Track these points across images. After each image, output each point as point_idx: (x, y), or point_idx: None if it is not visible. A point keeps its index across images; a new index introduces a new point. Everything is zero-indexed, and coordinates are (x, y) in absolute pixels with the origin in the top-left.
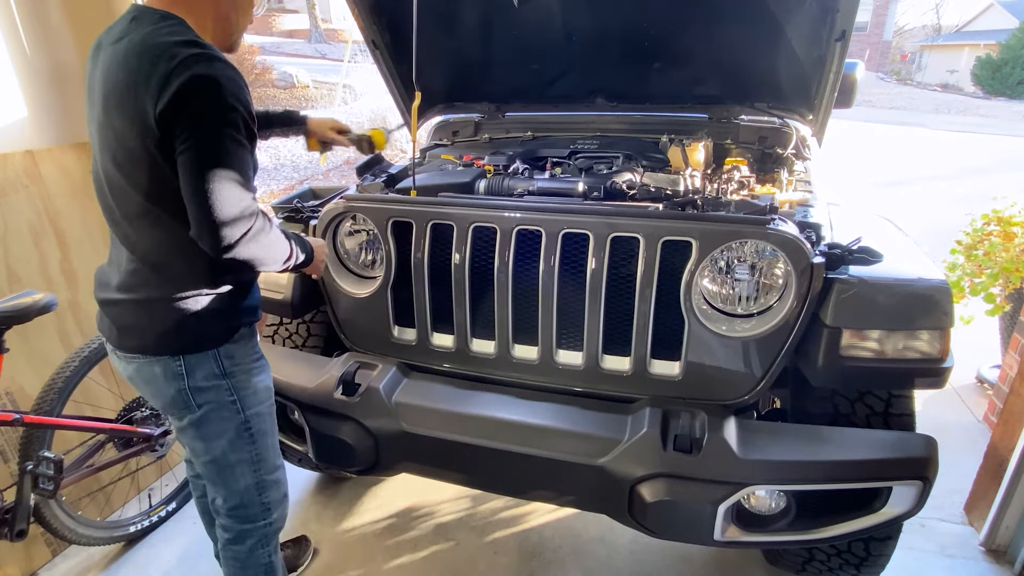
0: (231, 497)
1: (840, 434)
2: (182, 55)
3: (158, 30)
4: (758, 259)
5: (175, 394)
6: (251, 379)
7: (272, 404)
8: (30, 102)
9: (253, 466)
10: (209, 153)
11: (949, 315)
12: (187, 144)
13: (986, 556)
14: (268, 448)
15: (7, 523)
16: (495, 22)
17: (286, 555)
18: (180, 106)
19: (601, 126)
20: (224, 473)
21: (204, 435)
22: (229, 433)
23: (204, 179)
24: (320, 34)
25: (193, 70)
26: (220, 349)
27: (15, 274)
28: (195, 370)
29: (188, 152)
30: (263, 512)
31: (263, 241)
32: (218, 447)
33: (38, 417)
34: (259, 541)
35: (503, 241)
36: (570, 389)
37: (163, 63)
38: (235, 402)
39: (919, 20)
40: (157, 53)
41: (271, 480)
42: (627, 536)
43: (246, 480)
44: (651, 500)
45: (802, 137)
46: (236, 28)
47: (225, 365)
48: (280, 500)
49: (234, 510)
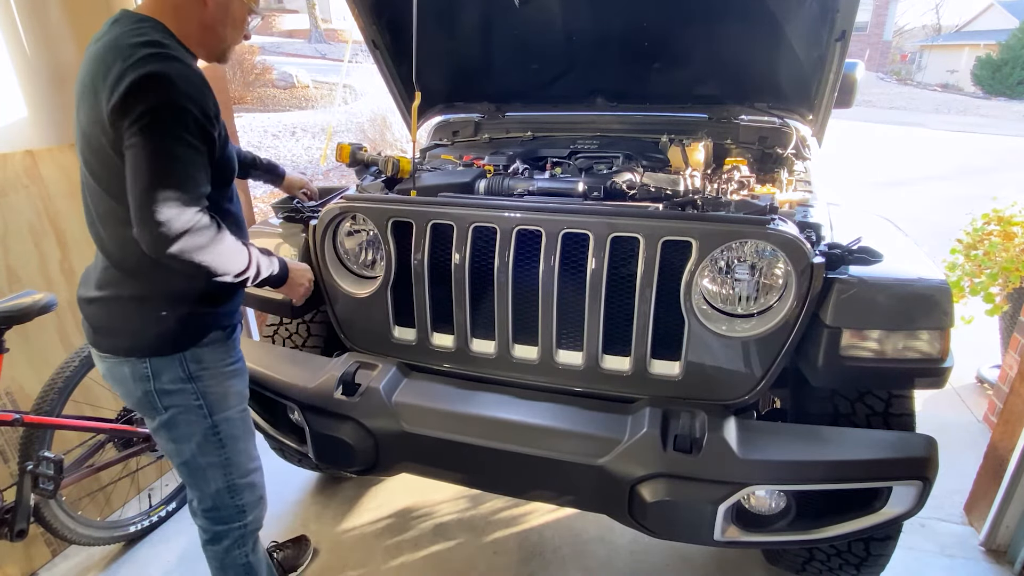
0: (204, 499)
1: (840, 434)
2: (138, 54)
3: (129, 32)
4: (758, 259)
5: (142, 396)
6: (221, 384)
7: (245, 409)
8: (30, 102)
9: (223, 470)
10: (152, 150)
11: (949, 315)
12: (132, 141)
13: (986, 556)
14: (240, 452)
15: (7, 523)
16: (495, 22)
17: (286, 555)
18: (128, 103)
19: (601, 126)
20: (195, 475)
21: (173, 437)
22: (197, 437)
23: (143, 176)
24: (320, 34)
25: (145, 67)
26: (187, 353)
27: (15, 274)
28: (161, 373)
29: (131, 148)
30: (237, 514)
31: (205, 245)
32: (187, 450)
33: (38, 417)
34: (235, 542)
35: (503, 241)
36: (570, 389)
37: (119, 62)
38: (202, 407)
39: (919, 20)
40: (117, 53)
41: (244, 483)
42: (627, 536)
43: (217, 483)
44: (651, 500)
45: (802, 137)
46: (224, 40)
47: (192, 369)
48: (255, 502)
49: (208, 512)
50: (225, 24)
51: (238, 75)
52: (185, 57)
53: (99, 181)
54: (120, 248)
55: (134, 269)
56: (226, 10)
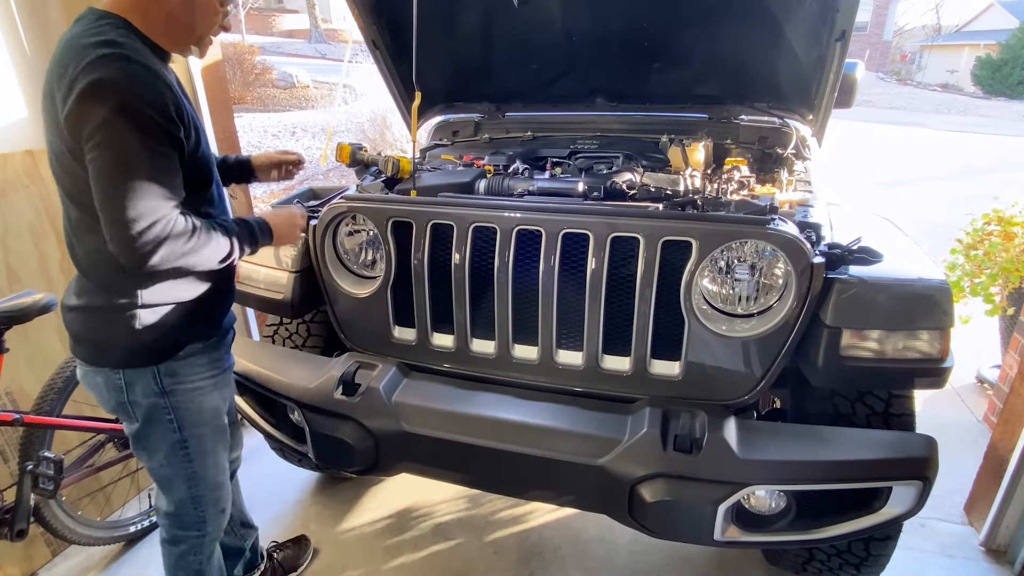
0: (168, 504)
1: (840, 434)
2: (89, 57)
3: (86, 31)
4: (758, 259)
5: (116, 405)
6: (195, 399)
7: (219, 425)
8: (30, 102)
9: (189, 482)
10: (112, 161)
11: (949, 315)
12: (93, 152)
13: (986, 556)
14: (208, 467)
15: (7, 523)
16: (495, 22)
17: (286, 555)
18: (82, 112)
19: (601, 126)
20: (162, 483)
21: (143, 446)
22: (165, 449)
23: (108, 188)
24: (320, 34)
25: (95, 73)
26: (161, 366)
27: (15, 274)
28: (135, 384)
29: (94, 161)
30: (197, 523)
31: (184, 251)
32: (155, 459)
33: (38, 417)
34: (192, 548)
35: (503, 241)
36: (570, 389)
37: (72, 67)
38: (172, 421)
39: (919, 20)
40: (71, 56)
41: (209, 496)
42: (627, 536)
43: (180, 493)
44: (651, 500)
45: (802, 137)
46: (192, 32)
47: (165, 383)
48: (216, 514)
49: (169, 516)
50: (193, 14)
51: (238, 75)
52: (143, 57)
53: (65, 189)
54: (89, 257)
55: (104, 280)
56: (192, 2)
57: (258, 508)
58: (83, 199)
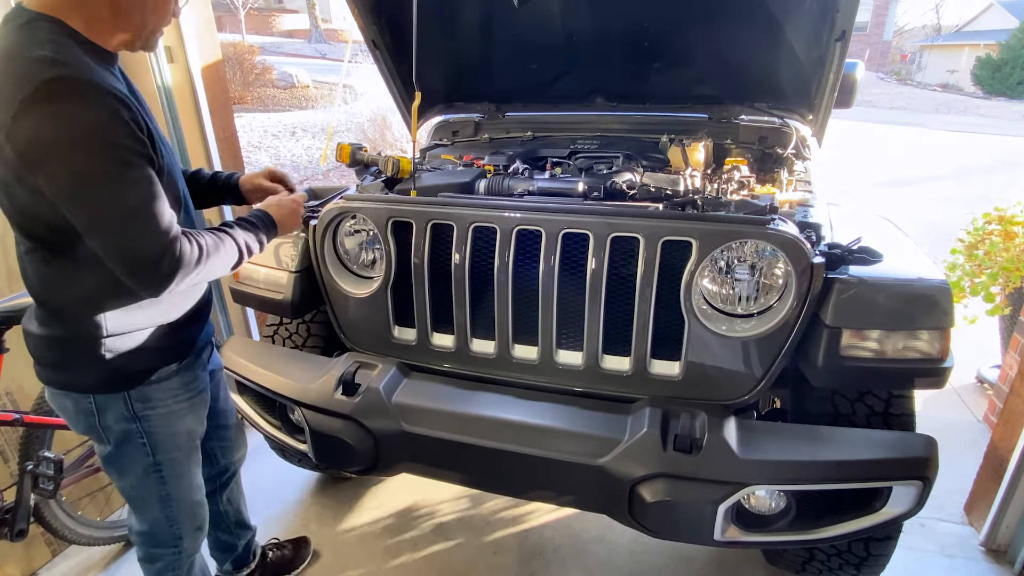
0: (141, 523)
1: (840, 434)
2: (35, 82)
3: (22, 41)
4: (758, 259)
5: (87, 427)
6: (169, 423)
7: (193, 448)
8: None
9: (162, 503)
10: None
11: (949, 315)
12: (71, 191)
13: (986, 556)
14: (183, 488)
15: (7, 523)
16: (495, 22)
17: (284, 555)
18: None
19: (601, 126)
20: (134, 503)
21: (114, 468)
22: (137, 471)
23: (105, 229)
24: (320, 34)
25: (51, 104)
26: (132, 392)
27: (15, 274)
28: (106, 410)
29: (78, 205)
30: (173, 540)
31: (196, 269)
32: (127, 481)
33: (38, 417)
34: (168, 565)
35: (503, 241)
36: (570, 389)
37: (14, 89)
38: (145, 444)
39: (919, 20)
40: (9, 75)
41: (184, 515)
42: (627, 536)
43: (155, 513)
44: (651, 500)
45: (802, 137)
46: (143, 26)
47: (136, 408)
48: (193, 531)
49: (143, 535)
50: (144, 7)
51: (238, 75)
52: (90, 72)
53: (16, 222)
54: (42, 286)
55: (62, 311)
56: None
57: (258, 508)
58: (34, 230)
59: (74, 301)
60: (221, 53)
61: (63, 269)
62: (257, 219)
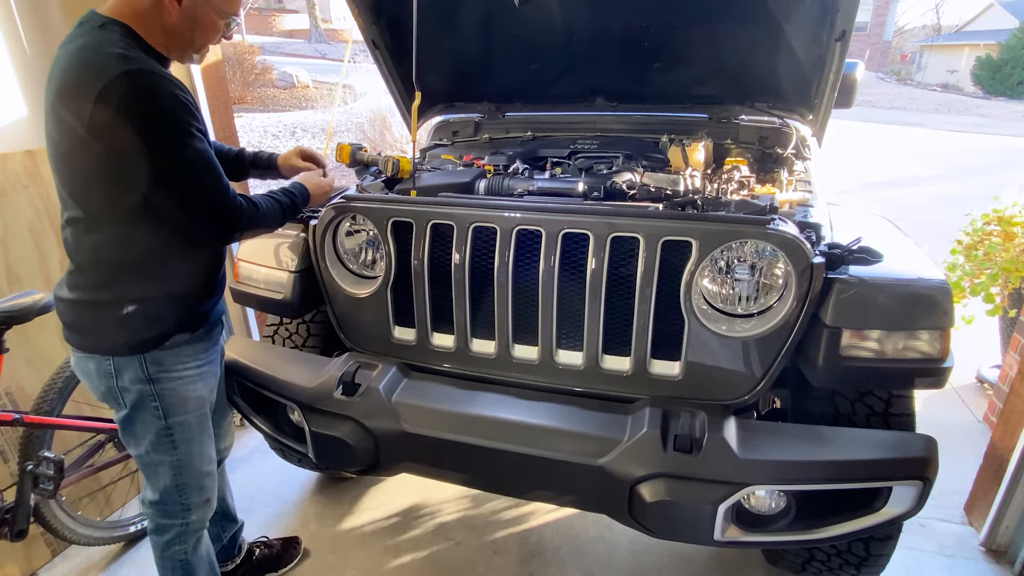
0: (153, 492)
1: (840, 434)
2: (114, 72)
3: (96, 41)
4: (758, 259)
5: (105, 391)
6: (180, 388)
7: (203, 414)
8: (30, 102)
9: (174, 470)
10: (187, 164)
11: (949, 315)
12: (158, 156)
13: (986, 556)
14: (193, 455)
15: (7, 523)
16: (495, 22)
17: (273, 552)
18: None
19: (601, 126)
20: (148, 470)
21: (130, 432)
22: (151, 435)
23: (193, 180)
24: (320, 34)
25: (130, 89)
26: (147, 355)
27: (15, 274)
28: (123, 371)
29: (161, 165)
30: (182, 511)
31: (256, 225)
32: (142, 446)
33: (38, 417)
34: (177, 537)
35: (503, 241)
36: (570, 389)
37: (92, 80)
38: (157, 408)
39: (919, 20)
40: (86, 69)
41: (194, 485)
42: (627, 536)
43: (166, 481)
44: (651, 500)
45: (802, 137)
46: (192, 44)
47: (151, 371)
48: (201, 503)
49: (154, 504)
50: (192, 30)
51: (238, 75)
52: (154, 67)
53: (70, 191)
54: (83, 255)
55: (96, 277)
56: (192, 18)
57: (258, 508)
58: (88, 199)
59: (107, 268)
60: (221, 53)
61: (98, 234)
62: (295, 189)
